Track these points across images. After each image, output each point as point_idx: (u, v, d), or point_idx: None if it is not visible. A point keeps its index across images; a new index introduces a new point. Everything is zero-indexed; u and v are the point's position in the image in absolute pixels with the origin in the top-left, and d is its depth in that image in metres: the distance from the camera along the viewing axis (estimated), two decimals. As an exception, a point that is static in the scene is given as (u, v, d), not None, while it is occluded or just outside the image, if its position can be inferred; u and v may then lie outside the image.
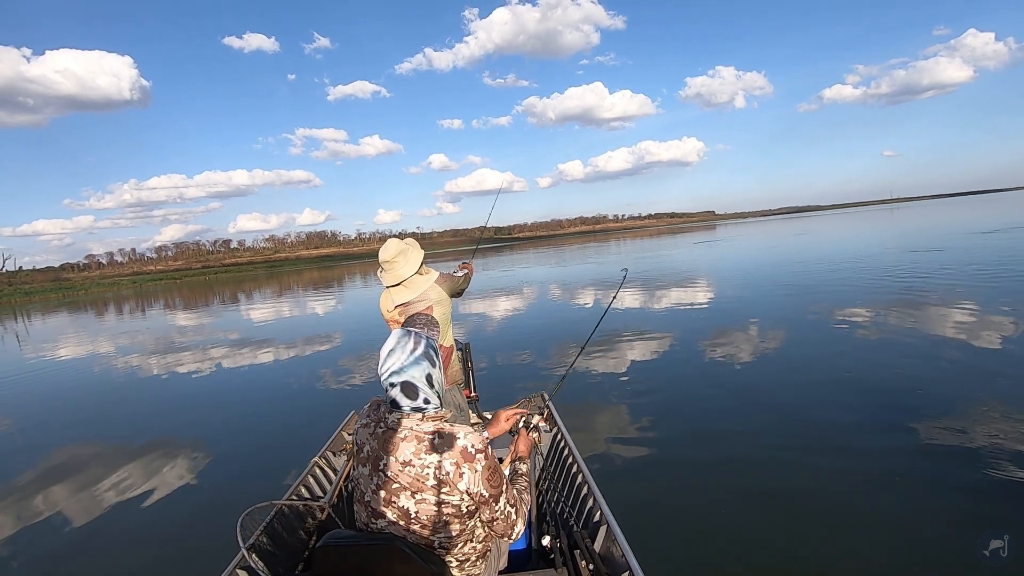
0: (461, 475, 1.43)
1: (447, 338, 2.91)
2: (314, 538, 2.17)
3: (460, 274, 3.13)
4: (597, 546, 2.04)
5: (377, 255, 2.85)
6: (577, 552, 1.96)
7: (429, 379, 1.50)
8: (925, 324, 7.39)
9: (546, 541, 1.99)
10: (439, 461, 1.43)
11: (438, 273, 2.99)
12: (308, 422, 5.73)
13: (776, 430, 4.38)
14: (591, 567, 1.88)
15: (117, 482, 4.71)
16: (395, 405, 1.50)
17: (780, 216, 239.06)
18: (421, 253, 2.89)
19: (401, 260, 2.79)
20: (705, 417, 4.82)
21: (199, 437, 5.70)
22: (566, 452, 2.78)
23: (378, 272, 2.88)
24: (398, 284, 2.81)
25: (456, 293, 3.06)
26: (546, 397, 3.70)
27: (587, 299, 13.87)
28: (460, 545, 1.52)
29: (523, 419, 2.05)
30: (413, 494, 1.44)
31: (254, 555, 1.86)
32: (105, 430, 6.48)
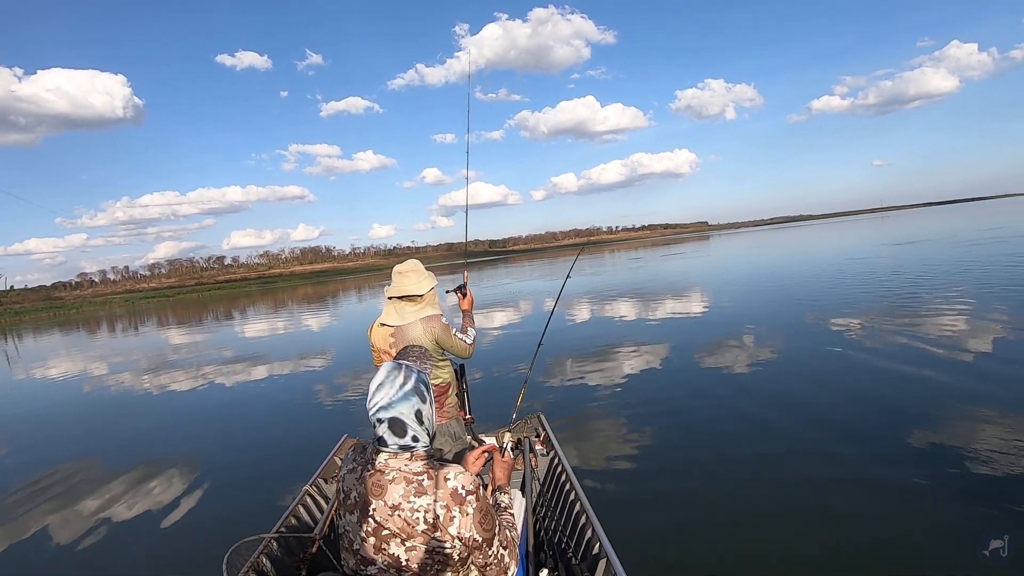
0: (452, 519, 1.37)
1: (442, 375, 2.71)
2: (303, 573, 2.09)
3: (467, 340, 2.74)
4: None
5: (371, 269, 2.68)
6: None
7: (419, 415, 1.43)
8: (916, 331, 7.39)
9: (544, 574, 1.93)
10: (429, 504, 1.37)
11: (438, 313, 2.68)
12: (299, 444, 5.62)
13: (781, 448, 4.28)
14: None
15: (101, 510, 4.57)
16: (382, 443, 1.43)
17: (772, 226, 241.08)
18: (436, 283, 2.69)
19: (413, 276, 2.64)
20: (706, 436, 4.72)
21: (189, 460, 5.57)
22: (563, 478, 2.71)
23: (385, 289, 2.75)
24: (400, 298, 2.65)
25: (449, 350, 2.72)
26: (543, 419, 3.61)
27: (579, 311, 13.87)
28: None
29: (507, 445, 1.98)
30: (403, 541, 1.38)
31: (241, 596, 1.78)
32: (91, 453, 6.32)
